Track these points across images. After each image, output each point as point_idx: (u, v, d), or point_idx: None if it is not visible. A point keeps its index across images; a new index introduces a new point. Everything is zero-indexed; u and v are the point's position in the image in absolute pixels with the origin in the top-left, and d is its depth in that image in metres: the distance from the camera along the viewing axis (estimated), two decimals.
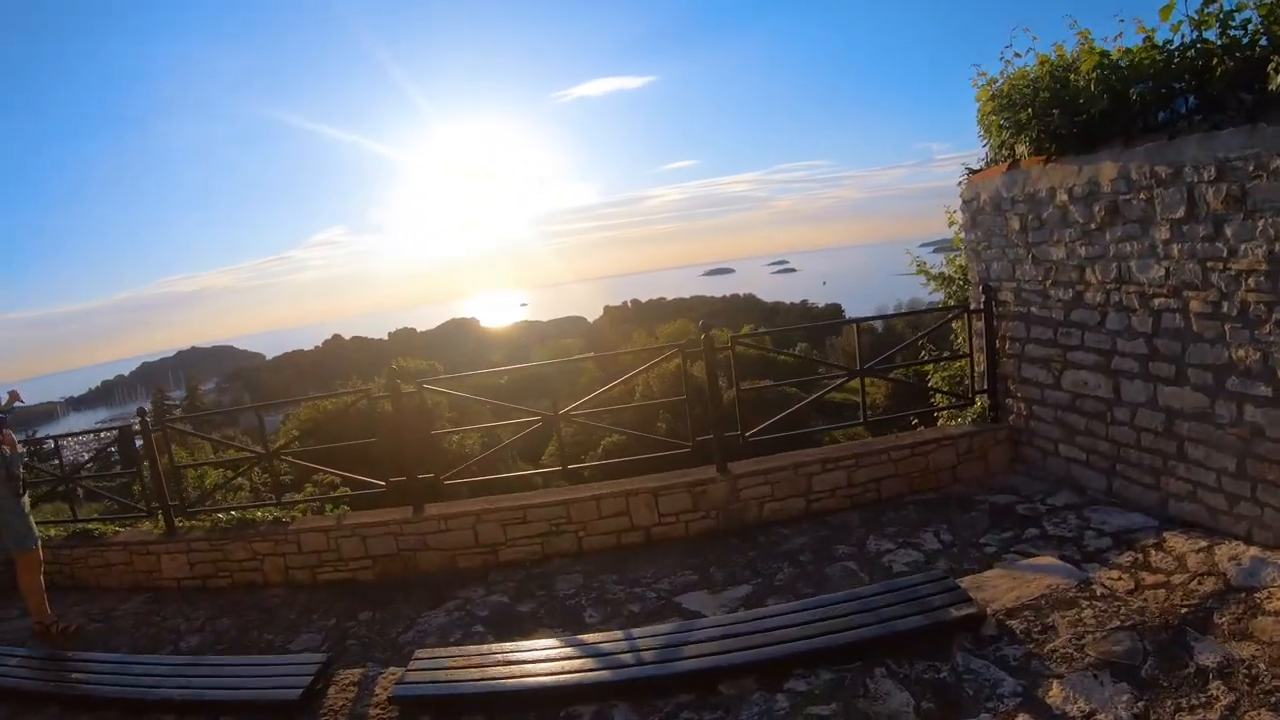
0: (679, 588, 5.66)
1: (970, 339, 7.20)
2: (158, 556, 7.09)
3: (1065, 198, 5.82)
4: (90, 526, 7.70)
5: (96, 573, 7.35)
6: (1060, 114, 5.77)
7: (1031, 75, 6.09)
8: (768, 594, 5.39)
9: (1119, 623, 3.94)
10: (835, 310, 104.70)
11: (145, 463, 7.24)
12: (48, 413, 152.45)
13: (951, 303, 8.25)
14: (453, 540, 6.49)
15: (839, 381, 7.15)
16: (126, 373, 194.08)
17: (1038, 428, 6.58)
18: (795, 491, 6.59)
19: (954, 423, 7.36)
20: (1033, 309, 6.39)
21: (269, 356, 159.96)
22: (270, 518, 7.05)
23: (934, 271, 8.79)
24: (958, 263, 8.22)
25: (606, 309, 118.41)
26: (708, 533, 6.49)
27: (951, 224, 8.12)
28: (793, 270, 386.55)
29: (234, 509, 7.35)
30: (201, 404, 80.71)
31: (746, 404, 6.73)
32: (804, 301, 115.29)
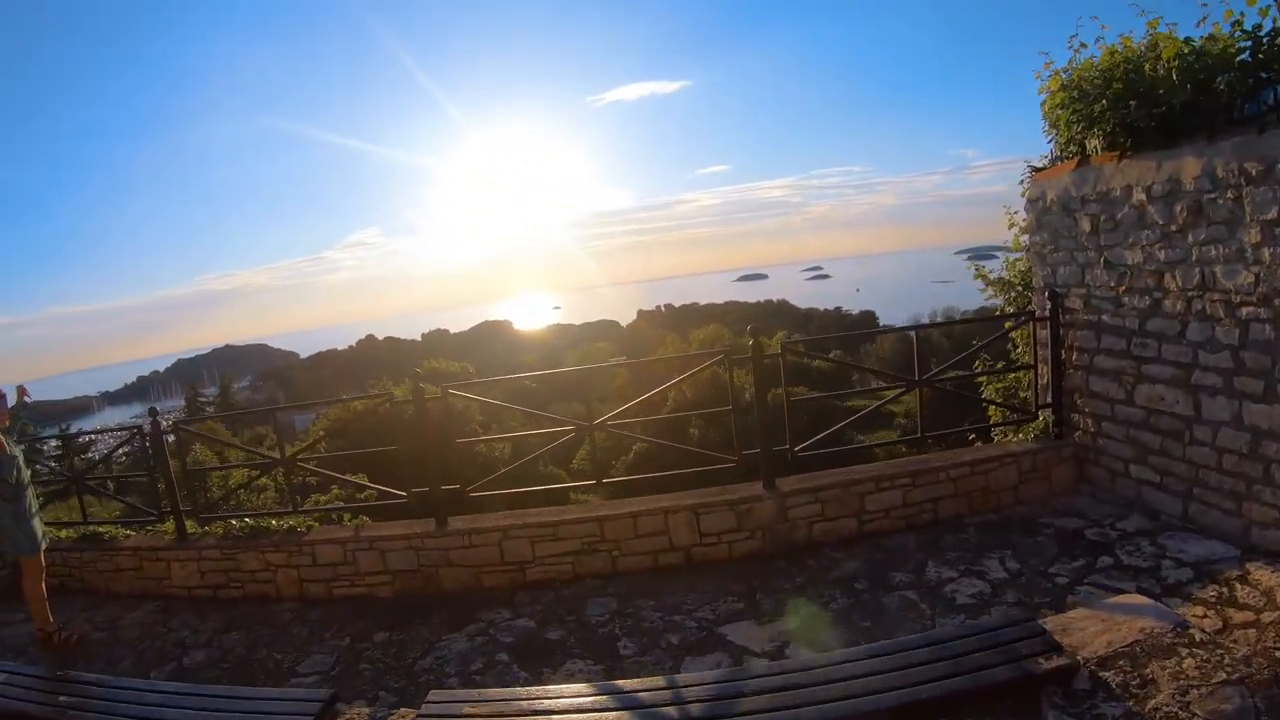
0: (722, 616, 5.21)
1: (1034, 349, 6.73)
2: (168, 563, 6.78)
3: (1143, 196, 5.39)
4: (101, 530, 7.40)
5: (106, 578, 7.06)
6: (1137, 105, 5.35)
7: (1102, 65, 5.68)
8: (820, 626, 4.91)
9: (1224, 675, 3.41)
10: (870, 317, 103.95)
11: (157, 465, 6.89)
12: (83, 407, 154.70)
13: (1011, 309, 7.73)
14: (477, 557, 6.07)
15: (897, 394, 6.65)
16: (162, 369, 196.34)
17: (1106, 446, 6.11)
18: (847, 511, 6.11)
19: (1014, 439, 6.87)
20: (1104, 317, 5.93)
21: (303, 355, 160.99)
22: (285, 526, 6.66)
23: (992, 276, 8.24)
24: (1017, 267, 7.75)
25: (640, 313, 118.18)
26: (752, 554, 6.01)
27: (1011, 226, 7.69)
28: (827, 277, 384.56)
29: (247, 515, 6.96)
30: (235, 401, 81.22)
31: (793, 416, 6.24)
32: (838, 308, 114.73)
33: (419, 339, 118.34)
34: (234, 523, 6.86)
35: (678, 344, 60.80)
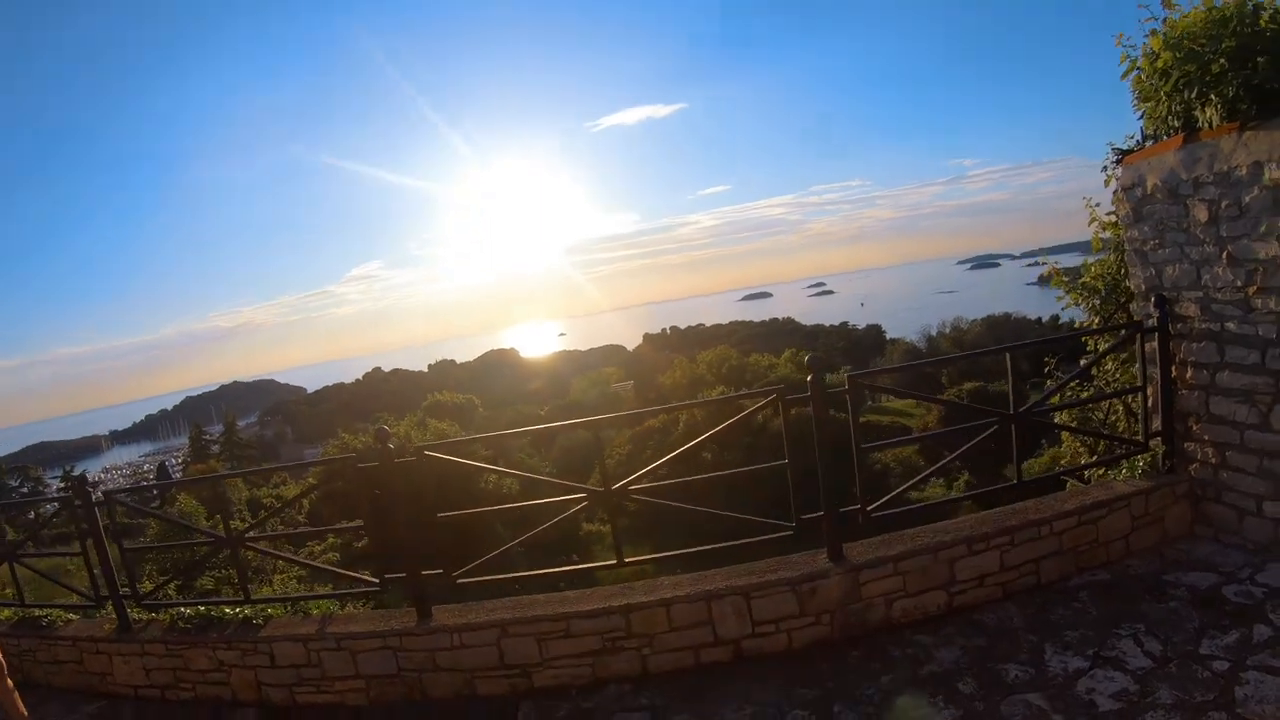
0: None
1: (1143, 366, 5.51)
2: (109, 658, 5.62)
3: (1279, 174, 4.34)
4: (39, 613, 6.24)
5: (46, 670, 5.94)
6: (1268, 63, 4.41)
7: (1205, 20, 4.71)
8: None
9: None
10: (876, 331, 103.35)
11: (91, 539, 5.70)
12: (92, 446, 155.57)
13: (1096, 320, 6.54)
14: (470, 659, 4.82)
15: (989, 430, 5.38)
16: (170, 407, 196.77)
17: (1232, 480, 5.04)
18: (933, 583, 4.89)
19: (1116, 477, 5.67)
20: (1229, 325, 4.87)
21: (309, 390, 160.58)
22: (240, 616, 5.45)
23: (1066, 280, 7.00)
24: (1093, 270, 6.58)
25: (645, 337, 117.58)
26: (818, 644, 4.77)
27: (1092, 221, 6.57)
28: (830, 292, 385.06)
29: (198, 602, 5.74)
30: (239, 439, 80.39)
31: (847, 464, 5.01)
32: (844, 323, 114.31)
33: (426, 370, 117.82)
34: (184, 610, 5.66)
35: (685, 365, 60.05)
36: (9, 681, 4.65)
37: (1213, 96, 4.67)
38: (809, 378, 4.70)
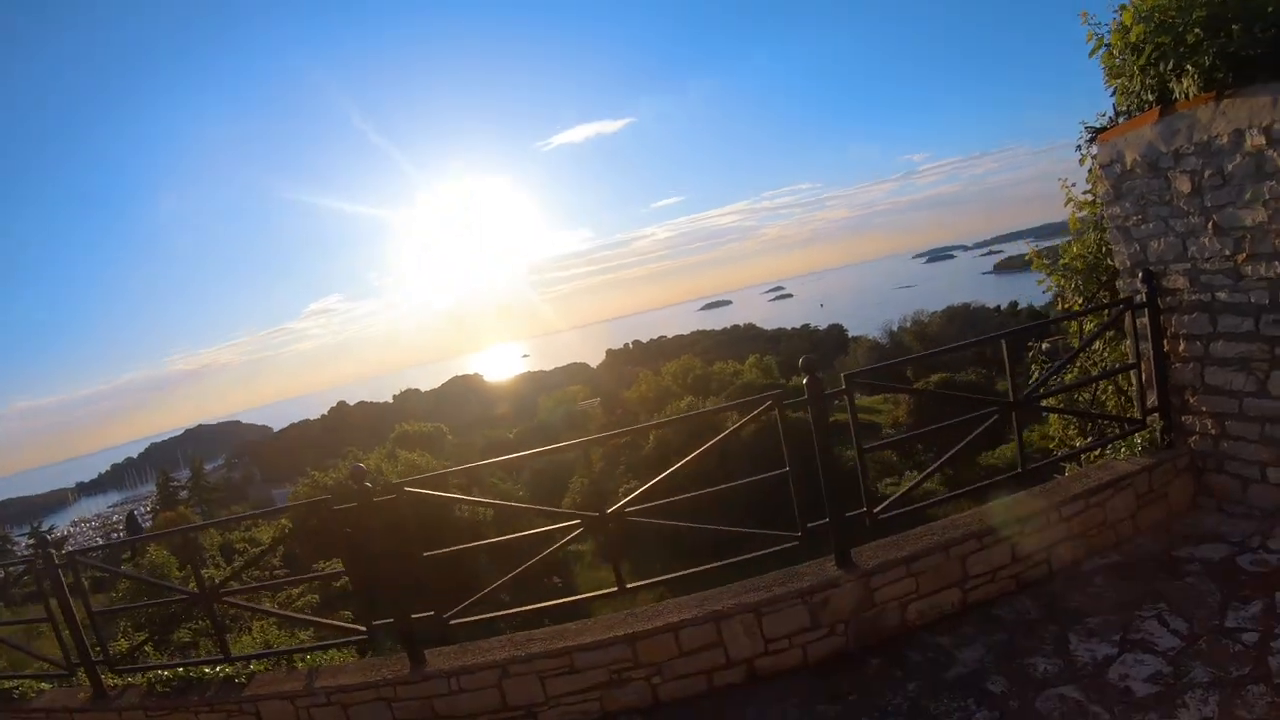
0: None
1: (1135, 343, 5.42)
2: None
3: (1260, 140, 4.36)
4: (9, 684, 5.87)
5: None
6: (1242, 30, 4.34)
7: None
8: None
9: None
10: (839, 330, 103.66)
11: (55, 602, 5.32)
12: (60, 500, 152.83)
13: (1079, 301, 6.43)
14: (470, 704, 4.54)
15: (990, 420, 5.22)
16: (135, 454, 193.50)
17: (1233, 449, 5.00)
18: (947, 581, 4.71)
19: (1115, 456, 5.57)
20: (1220, 295, 4.82)
21: (275, 429, 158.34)
22: (221, 675, 5.11)
23: (1046, 263, 6.88)
24: (1074, 250, 6.46)
25: (609, 352, 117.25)
26: (834, 656, 4.55)
27: (1068, 202, 6.48)
28: (789, 296, 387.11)
29: (174, 665, 5.39)
30: (207, 483, 79.05)
31: (845, 468, 4.82)
32: (806, 325, 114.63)
33: (390, 400, 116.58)
34: (163, 673, 5.29)
35: (650, 379, 59.88)
36: None
37: (1188, 67, 4.62)
38: (805, 380, 4.47)
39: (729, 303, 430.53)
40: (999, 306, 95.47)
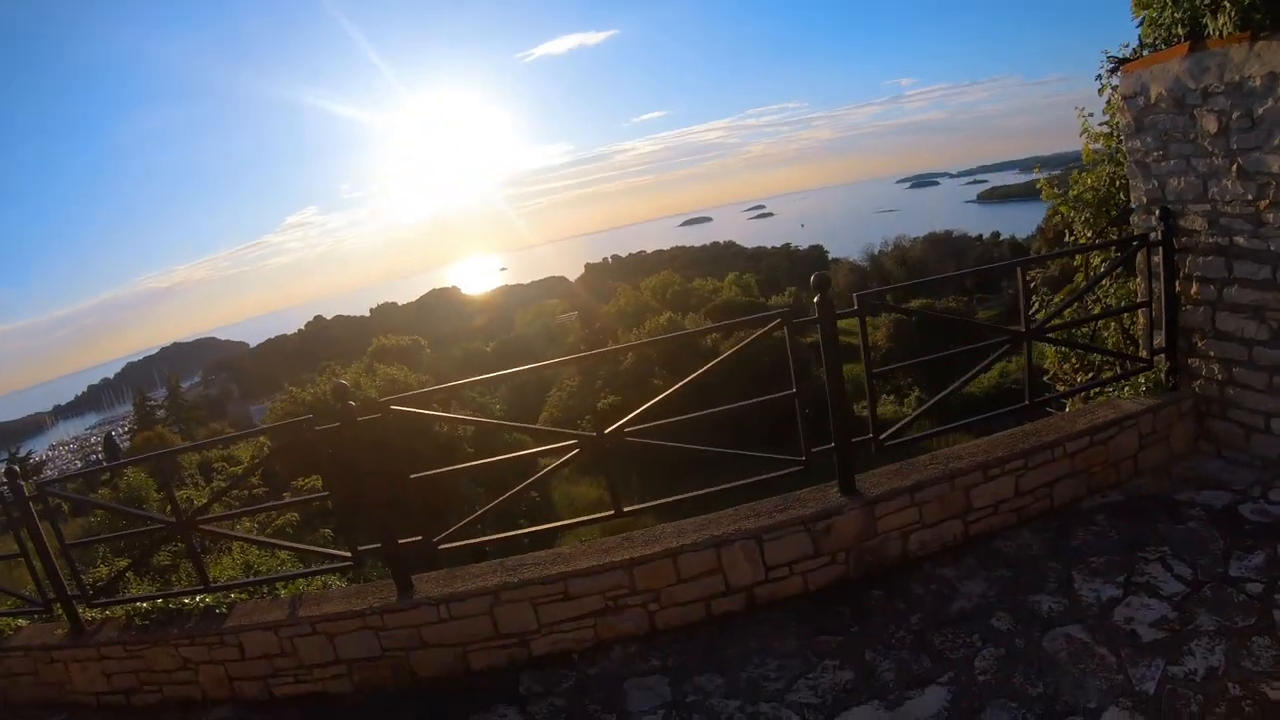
0: (830, 696, 3.67)
1: (1148, 282, 5.24)
2: (65, 665, 5.06)
3: None
4: None
5: (2, 684, 5.33)
6: None
7: None
8: (980, 703, 3.43)
9: None
10: (819, 251, 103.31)
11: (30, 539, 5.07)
12: (37, 424, 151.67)
13: (1087, 234, 6.26)
14: (461, 631, 4.40)
15: (1002, 350, 5.06)
16: (111, 375, 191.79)
17: (1239, 396, 4.90)
18: (950, 512, 4.58)
19: (1120, 395, 5.44)
20: (1238, 239, 4.66)
21: (252, 345, 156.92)
22: (201, 606, 4.92)
23: (1058, 193, 6.65)
24: (1087, 181, 6.26)
25: (587, 266, 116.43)
26: (836, 584, 4.44)
27: (1084, 131, 6.27)
28: (770, 215, 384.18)
29: (153, 598, 5.18)
30: (184, 401, 78.58)
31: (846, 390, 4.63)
32: (786, 245, 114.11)
33: (368, 314, 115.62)
34: (143, 605, 5.09)
35: (629, 293, 59.46)
36: None
37: (1225, 4, 4.39)
38: (816, 299, 4.23)
39: (710, 219, 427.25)
40: (980, 236, 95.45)
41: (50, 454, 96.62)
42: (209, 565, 6.98)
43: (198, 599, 4.95)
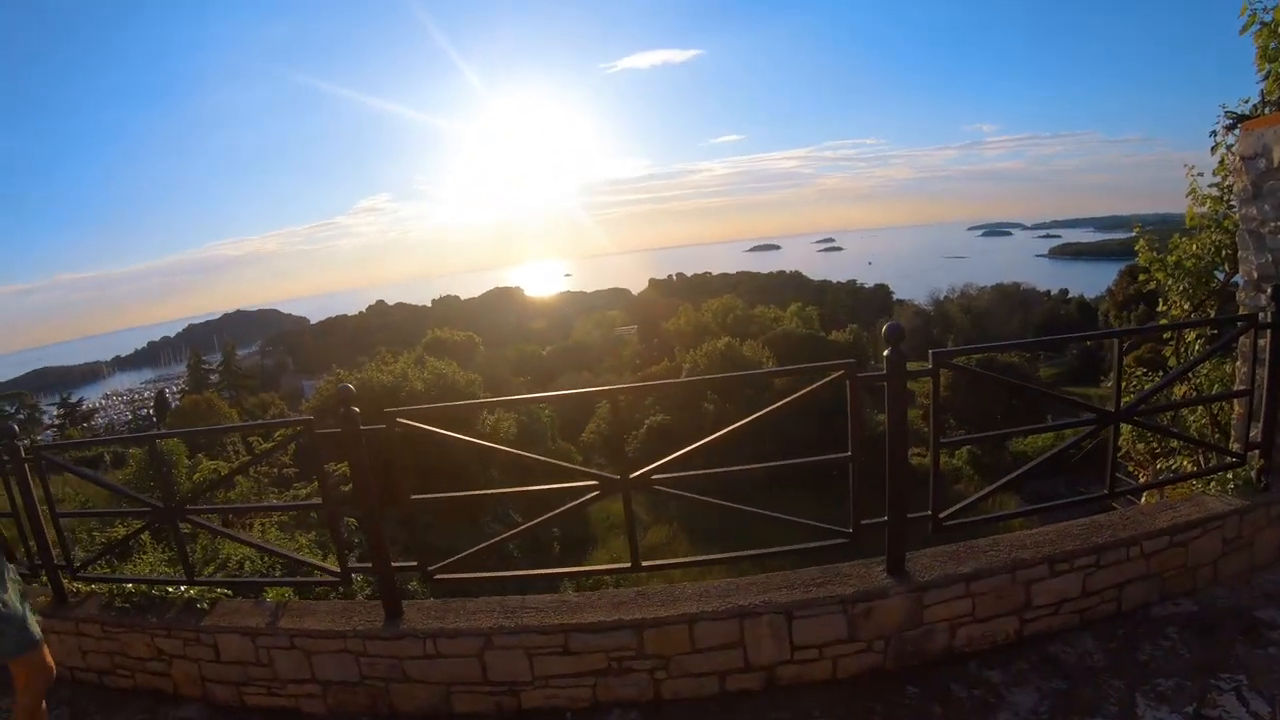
0: None
1: (1251, 368, 4.60)
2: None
3: None
4: None
5: None
6: None
7: None
8: None
9: None
10: (884, 292, 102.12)
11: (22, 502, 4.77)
12: (94, 372, 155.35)
13: (1185, 305, 5.72)
14: (447, 671, 3.98)
15: (1088, 431, 4.49)
16: (172, 334, 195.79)
17: None
18: (1006, 607, 4.04)
19: (1206, 490, 4.79)
20: None
21: (313, 321, 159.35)
22: (184, 597, 4.60)
23: (1157, 256, 6.07)
24: (1190, 248, 5.68)
25: (651, 282, 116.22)
26: (868, 674, 3.93)
27: (1191, 191, 5.69)
28: (839, 249, 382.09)
29: (137, 581, 4.86)
30: (238, 368, 79.65)
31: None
32: (852, 281, 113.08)
33: (429, 305, 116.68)
34: (128, 586, 4.81)
35: (690, 313, 59.07)
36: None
37: None
38: (886, 352, 3.72)
39: (778, 247, 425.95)
40: (1049, 292, 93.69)
41: (103, 403, 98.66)
42: (220, 546, 6.70)
43: (183, 590, 4.64)
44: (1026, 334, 66.52)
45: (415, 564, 4.18)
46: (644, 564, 4.11)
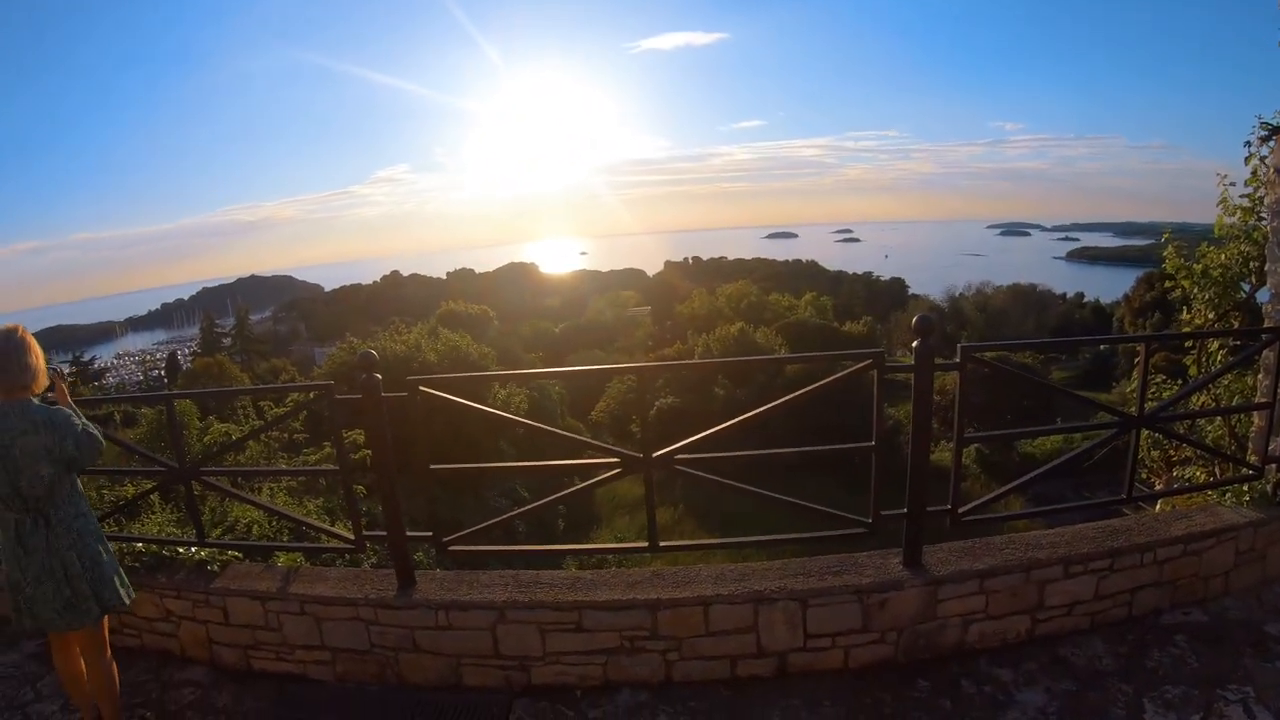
0: None
1: (1274, 381, 4.51)
2: None
3: None
4: None
5: None
6: None
7: None
8: None
9: None
10: (900, 285, 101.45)
11: None
12: (107, 332, 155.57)
13: (1209, 314, 5.67)
14: (457, 643, 3.99)
15: (1110, 435, 4.43)
16: (186, 297, 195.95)
17: None
18: (1019, 606, 4.02)
19: (1221, 501, 4.76)
20: None
21: (327, 289, 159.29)
22: (195, 559, 4.60)
23: (1185, 264, 5.99)
24: (1218, 258, 5.60)
25: (667, 264, 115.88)
26: (880, 665, 3.92)
27: (1222, 201, 5.56)
28: (857, 240, 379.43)
29: (148, 540, 4.84)
30: (251, 333, 79.86)
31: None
32: (868, 273, 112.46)
33: (444, 277, 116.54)
34: (138, 545, 4.77)
35: (704, 297, 58.99)
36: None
37: None
38: (915, 344, 3.70)
39: (795, 235, 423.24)
40: (1065, 295, 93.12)
41: (115, 362, 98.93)
42: (229, 509, 6.71)
43: (194, 551, 4.63)
44: (1041, 336, 66.14)
45: (430, 534, 4.18)
46: (661, 544, 4.09)
